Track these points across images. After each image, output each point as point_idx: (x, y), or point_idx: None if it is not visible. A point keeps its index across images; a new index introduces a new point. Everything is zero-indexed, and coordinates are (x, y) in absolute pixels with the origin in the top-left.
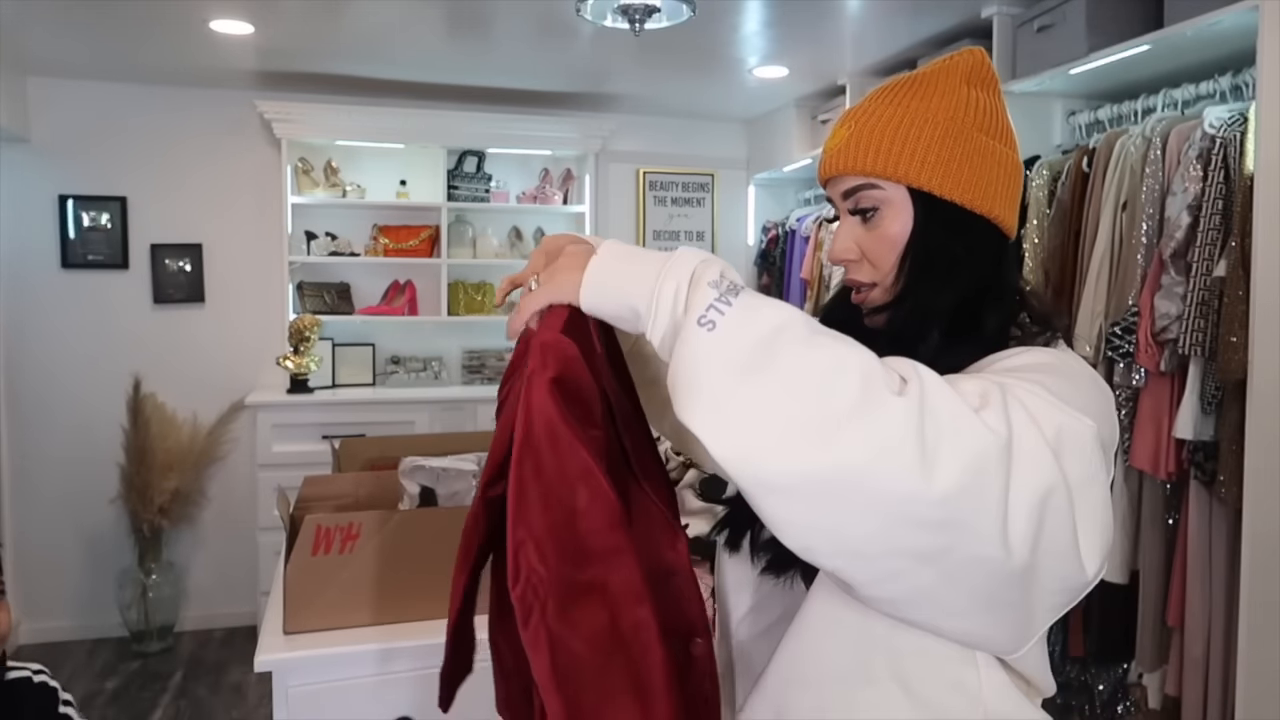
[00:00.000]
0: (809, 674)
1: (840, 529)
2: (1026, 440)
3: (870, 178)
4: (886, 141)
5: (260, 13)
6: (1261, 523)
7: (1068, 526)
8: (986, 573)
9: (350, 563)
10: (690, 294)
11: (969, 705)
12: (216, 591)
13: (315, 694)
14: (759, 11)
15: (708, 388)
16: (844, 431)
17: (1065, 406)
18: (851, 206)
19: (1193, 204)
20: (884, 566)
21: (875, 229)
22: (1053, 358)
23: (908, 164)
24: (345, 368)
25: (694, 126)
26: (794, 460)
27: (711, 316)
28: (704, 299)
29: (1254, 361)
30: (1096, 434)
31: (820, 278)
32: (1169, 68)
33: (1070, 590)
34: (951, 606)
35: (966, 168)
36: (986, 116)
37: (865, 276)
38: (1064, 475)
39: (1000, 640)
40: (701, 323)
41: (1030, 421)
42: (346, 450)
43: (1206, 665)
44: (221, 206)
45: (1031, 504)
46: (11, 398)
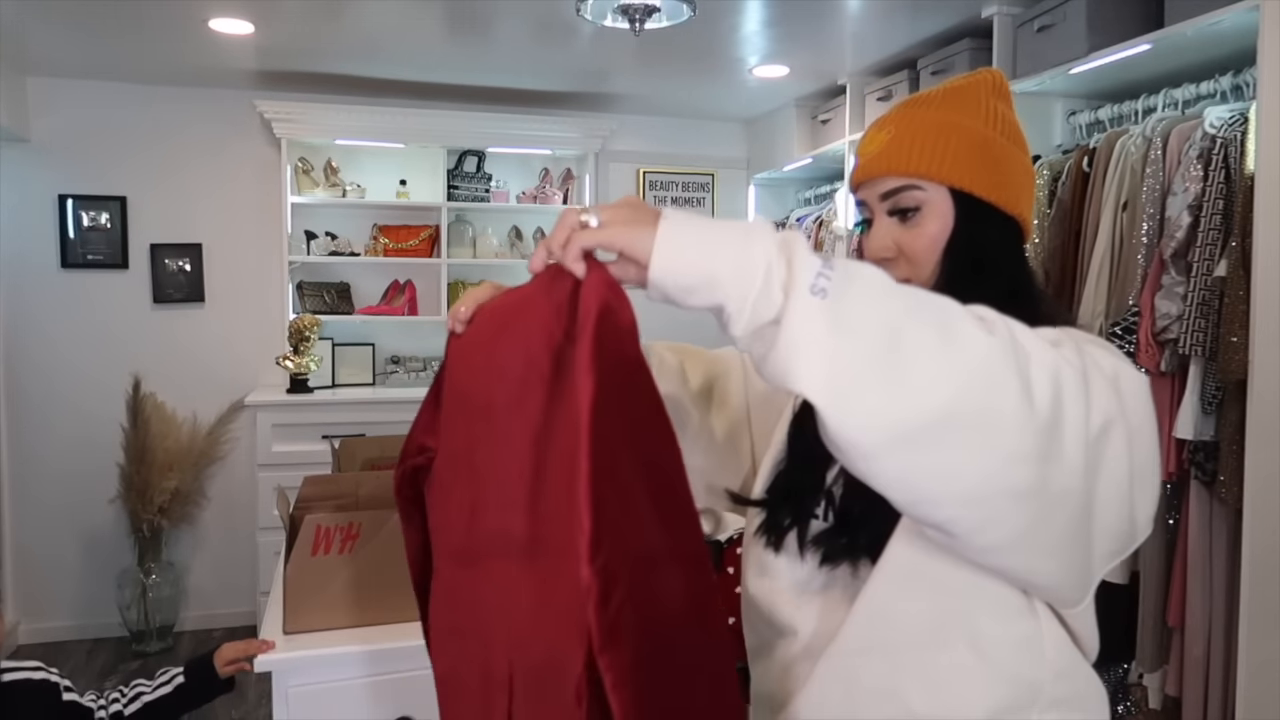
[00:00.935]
0: (880, 643)
1: (958, 471)
2: (1094, 372)
3: (914, 179)
4: (929, 145)
5: (260, 12)
6: (1261, 523)
7: (1124, 463)
8: (1072, 505)
9: (350, 563)
10: (793, 263)
11: (1034, 661)
12: (216, 591)
13: (315, 694)
14: (759, 11)
15: (827, 353)
16: (958, 372)
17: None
18: (891, 207)
19: (1193, 204)
20: (990, 510)
21: (915, 228)
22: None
23: (951, 166)
24: (345, 368)
25: (694, 126)
26: (918, 408)
27: (822, 284)
28: (812, 267)
29: (1254, 361)
30: (1147, 383)
31: None
32: (1169, 68)
33: (1120, 537)
34: (1043, 545)
35: (999, 172)
36: (1010, 126)
37: (902, 274)
38: (1124, 413)
39: (1072, 586)
40: (814, 291)
41: (1094, 362)
42: (346, 450)
43: (1207, 665)
44: (221, 206)
45: (1098, 433)
46: (11, 397)
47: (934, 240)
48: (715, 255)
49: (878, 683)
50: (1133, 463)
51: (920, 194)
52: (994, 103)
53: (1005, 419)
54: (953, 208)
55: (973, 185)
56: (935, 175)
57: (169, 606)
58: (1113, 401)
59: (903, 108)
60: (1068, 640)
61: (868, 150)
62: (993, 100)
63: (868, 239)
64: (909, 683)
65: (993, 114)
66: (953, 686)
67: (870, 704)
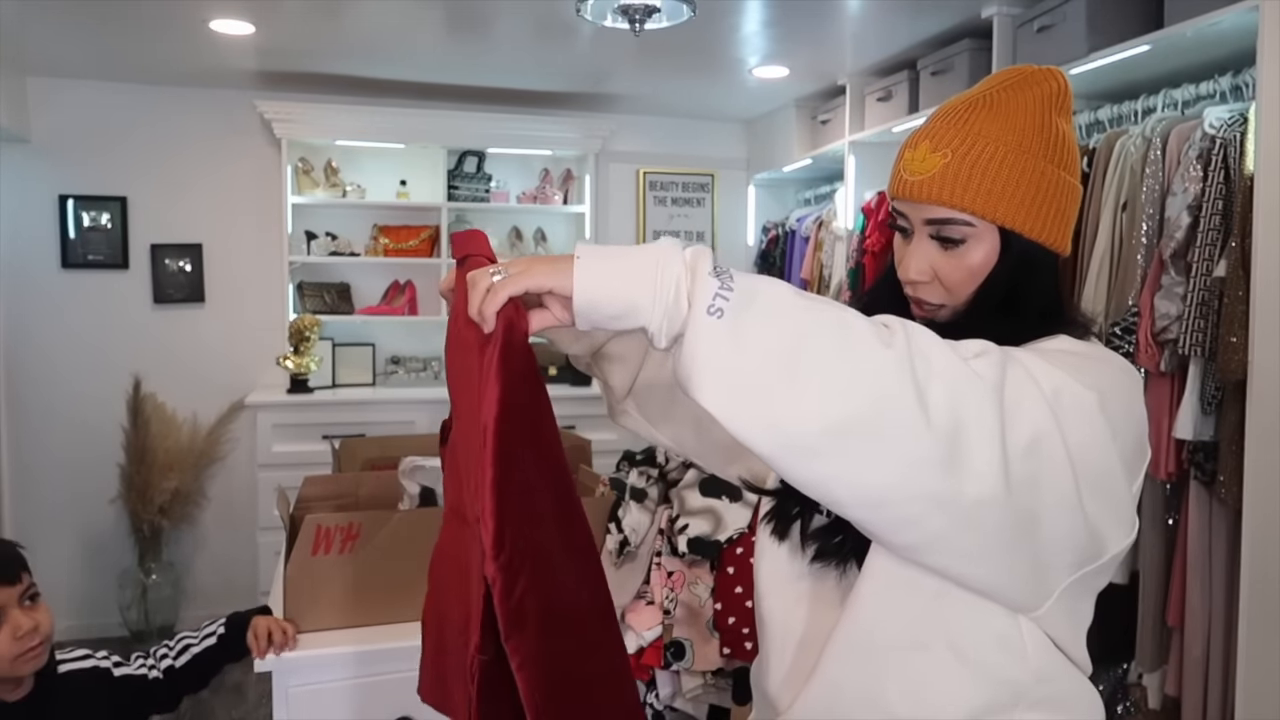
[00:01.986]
0: (864, 646)
1: (861, 478)
2: (1018, 388)
3: (967, 214)
4: (989, 181)
5: (260, 13)
6: (1261, 523)
7: (1066, 477)
8: (994, 515)
9: (350, 563)
10: (693, 285)
11: (1015, 661)
12: (216, 591)
13: (315, 694)
14: (759, 11)
15: (724, 371)
16: (849, 384)
17: (1070, 375)
18: (934, 233)
19: (1193, 204)
20: (902, 513)
21: (956, 258)
22: (1083, 346)
23: (1007, 206)
24: (345, 368)
25: (694, 126)
26: (811, 420)
27: (719, 305)
28: (709, 289)
29: (1254, 361)
30: (1100, 403)
31: (820, 278)
32: (1169, 68)
33: (1081, 550)
34: (970, 551)
35: (1053, 209)
36: (1064, 149)
37: (935, 299)
38: (1059, 427)
39: (1018, 591)
40: (710, 311)
41: (1026, 376)
42: (346, 450)
43: (1206, 665)
44: (221, 206)
45: (1026, 446)
46: (12, 398)
47: (974, 273)
48: (633, 282)
49: (860, 685)
50: (1078, 475)
51: (968, 228)
52: (1055, 120)
53: (900, 429)
54: (999, 243)
55: (1025, 227)
56: (990, 215)
57: (169, 606)
58: (1044, 416)
59: (960, 120)
60: (1049, 643)
61: (919, 169)
62: (1054, 116)
63: (905, 256)
64: (891, 684)
65: (1054, 137)
66: (933, 687)
67: (854, 706)
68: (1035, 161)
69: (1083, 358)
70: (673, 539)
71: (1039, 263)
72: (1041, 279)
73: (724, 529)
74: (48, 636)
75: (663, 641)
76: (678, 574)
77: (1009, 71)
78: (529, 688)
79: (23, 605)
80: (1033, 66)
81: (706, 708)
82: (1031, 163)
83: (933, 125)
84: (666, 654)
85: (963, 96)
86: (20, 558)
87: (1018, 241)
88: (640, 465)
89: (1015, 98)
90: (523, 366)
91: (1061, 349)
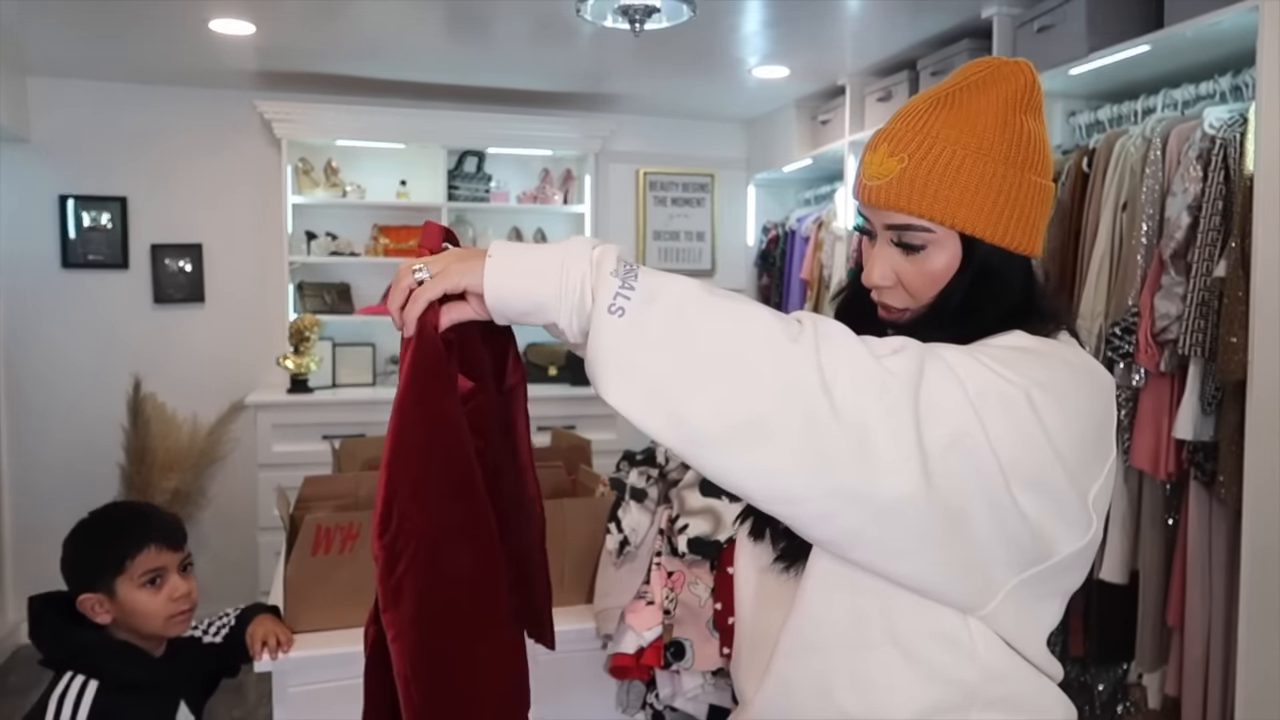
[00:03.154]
0: (811, 643)
1: (770, 473)
2: (936, 385)
3: (924, 220)
4: (945, 187)
5: (260, 13)
6: (1261, 523)
7: (993, 475)
8: (914, 512)
9: (350, 563)
10: (596, 284)
11: (963, 660)
12: (216, 591)
13: (315, 694)
14: (759, 11)
15: (626, 368)
16: (753, 380)
17: (1001, 371)
18: (896, 238)
19: (1193, 204)
20: (817, 508)
21: (918, 263)
22: (1033, 342)
23: (965, 212)
24: (345, 368)
25: (694, 126)
26: (714, 415)
27: (619, 304)
28: (609, 288)
29: (1254, 362)
30: (1028, 399)
31: (820, 278)
32: (1169, 68)
33: (1022, 550)
34: (891, 547)
35: (1017, 212)
36: (1033, 149)
37: (899, 302)
38: (982, 425)
39: (955, 590)
40: (611, 310)
41: (946, 372)
42: (346, 450)
43: (1206, 665)
44: (221, 206)
45: (946, 444)
46: (12, 398)
47: (935, 277)
48: (539, 281)
49: (810, 683)
50: (1006, 474)
51: (927, 234)
52: (1020, 119)
53: (804, 424)
54: (960, 247)
55: (986, 232)
56: (945, 220)
57: None
58: (963, 413)
59: (916, 121)
60: (1002, 642)
61: (876, 174)
62: (1019, 116)
63: (867, 262)
64: (838, 682)
65: (1018, 138)
66: (880, 686)
67: (805, 704)
68: (996, 165)
69: (1025, 352)
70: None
71: (1003, 267)
72: (1007, 282)
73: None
74: (195, 604)
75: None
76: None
77: (974, 66)
78: (401, 660)
79: (181, 572)
80: (1000, 60)
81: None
82: (992, 166)
83: (893, 127)
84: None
85: (925, 95)
86: (184, 530)
87: (979, 247)
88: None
89: (978, 98)
90: (429, 359)
91: (1007, 344)
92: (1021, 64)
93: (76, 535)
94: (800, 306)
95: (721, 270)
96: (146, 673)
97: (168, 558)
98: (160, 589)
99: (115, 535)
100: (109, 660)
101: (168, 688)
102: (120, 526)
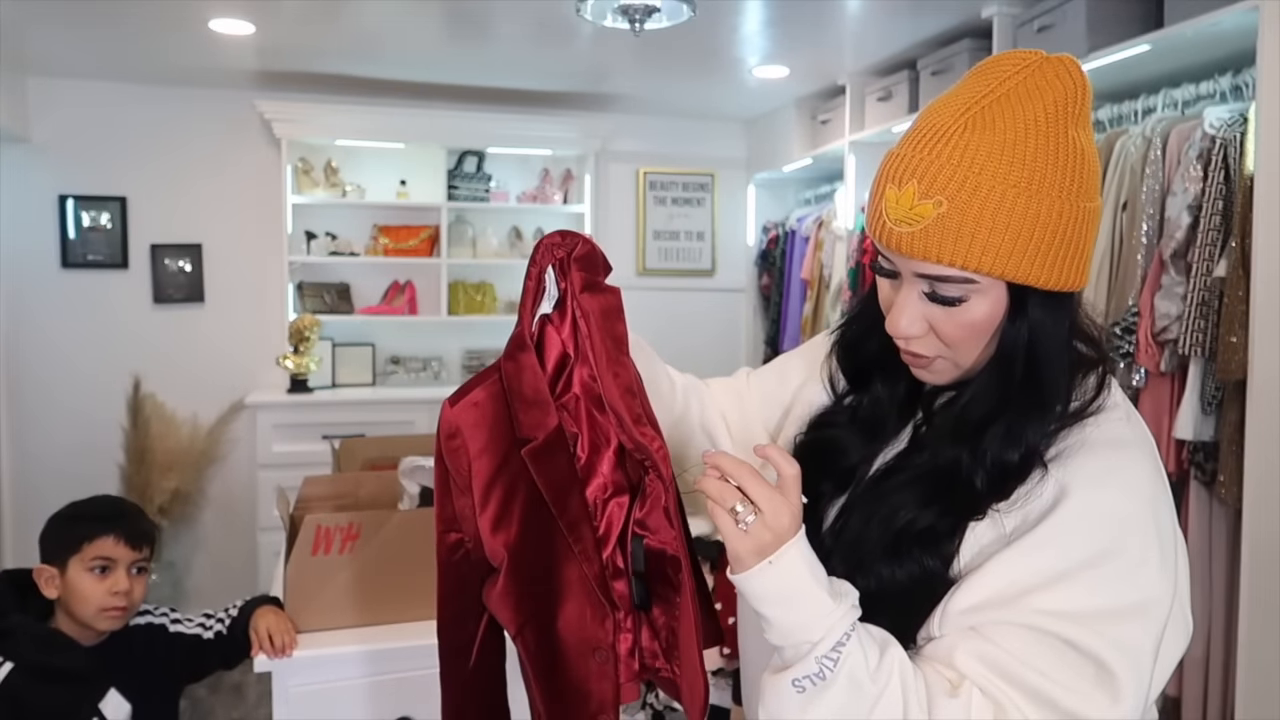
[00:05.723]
0: None
1: None
2: None
3: (971, 272)
4: (996, 235)
5: (260, 13)
6: (1261, 523)
7: None
8: None
9: (350, 563)
10: (804, 657)
11: None
12: (216, 591)
13: (315, 694)
14: (759, 11)
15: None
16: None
17: (1083, 669)
18: (928, 290)
19: (1193, 204)
20: None
21: (956, 314)
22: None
23: (1018, 260)
24: (345, 368)
25: (694, 126)
26: None
27: (804, 684)
28: (805, 668)
29: (1254, 361)
30: (1149, 663)
31: (820, 278)
32: (1169, 68)
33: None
34: None
35: (1072, 249)
36: (1088, 174)
37: (930, 352)
38: None
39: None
40: (796, 686)
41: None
42: (346, 450)
43: (1206, 665)
44: (221, 206)
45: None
46: (11, 397)
47: (976, 329)
48: (785, 629)
49: None
50: None
51: (970, 285)
52: (1071, 135)
53: None
54: (1006, 295)
55: (1041, 279)
56: (997, 272)
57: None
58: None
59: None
60: None
61: (905, 218)
62: (1069, 130)
63: (895, 308)
64: None
65: (1070, 160)
66: None
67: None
68: (1050, 201)
69: (1113, 553)
70: None
71: (1057, 309)
72: (1062, 326)
73: None
74: (132, 607)
75: None
76: None
77: (1007, 64)
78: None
79: (130, 573)
80: (1037, 57)
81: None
82: (1046, 203)
83: (921, 157)
84: None
85: (949, 105)
86: (153, 536)
87: (1030, 292)
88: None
89: (1019, 111)
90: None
91: (1085, 558)
92: (1066, 63)
93: (58, 511)
94: (801, 306)
95: (721, 270)
96: (66, 661)
97: (122, 552)
98: (105, 579)
99: (83, 517)
100: (28, 646)
101: (91, 676)
102: (92, 512)
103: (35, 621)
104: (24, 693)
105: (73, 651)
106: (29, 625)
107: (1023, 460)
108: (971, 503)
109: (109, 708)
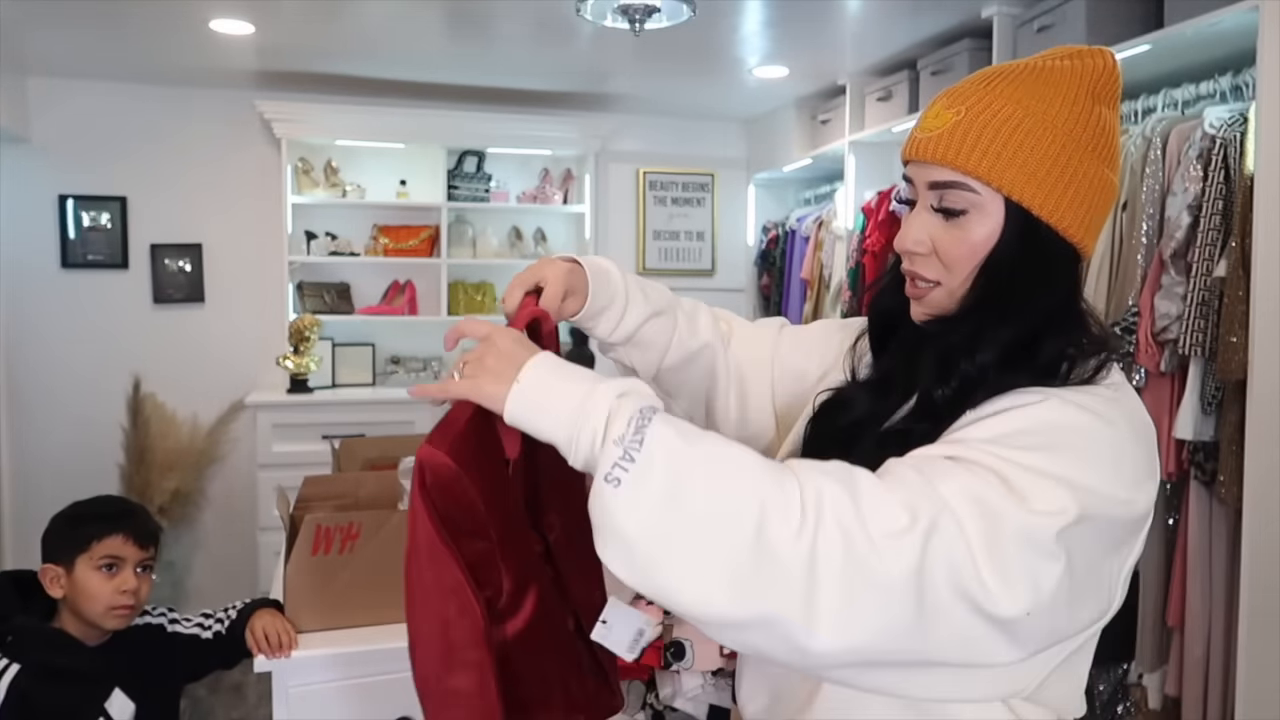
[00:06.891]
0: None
1: (774, 656)
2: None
3: (969, 177)
4: (999, 143)
5: (260, 13)
6: (1261, 523)
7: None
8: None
9: (350, 563)
10: (600, 450)
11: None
12: (216, 591)
13: (315, 694)
14: (759, 11)
15: (619, 537)
16: (741, 580)
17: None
18: (937, 201)
19: (1193, 204)
20: (841, 675)
21: (957, 230)
22: (1063, 414)
23: (1015, 174)
24: (345, 368)
25: (694, 126)
26: (701, 603)
27: (616, 474)
28: (610, 457)
29: (1254, 361)
30: (1058, 530)
31: (820, 278)
32: (1169, 68)
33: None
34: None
35: (1072, 191)
36: (1103, 139)
37: (931, 274)
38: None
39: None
40: (608, 479)
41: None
42: (346, 450)
43: (1206, 665)
44: (221, 206)
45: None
46: (11, 398)
47: (974, 249)
48: (555, 424)
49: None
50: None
51: (972, 196)
52: (1094, 107)
53: (786, 631)
54: (1004, 219)
55: (1032, 201)
56: (993, 180)
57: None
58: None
59: (983, 82)
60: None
61: (929, 126)
62: (1093, 103)
63: (905, 224)
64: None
65: (1088, 120)
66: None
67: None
68: (1059, 139)
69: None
70: None
71: (1052, 251)
72: (1057, 275)
73: None
74: (139, 605)
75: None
76: None
77: (1057, 50)
78: None
79: (137, 571)
80: (1082, 46)
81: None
82: (1056, 139)
83: (958, 85)
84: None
85: (1000, 65)
86: (158, 536)
87: (1026, 219)
88: None
89: (1054, 74)
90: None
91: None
92: (1104, 51)
93: (62, 511)
94: (801, 306)
95: (721, 270)
96: (71, 661)
97: (130, 551)
98: (113, 577)
99: (91, 517)
100: (35, 647)
101: (97, 677)
102: (99, 511)
103: (40, 622)
104: (32, 693)
105: (78, 652)
106: (34, 626)
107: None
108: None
109: (114, 707)
